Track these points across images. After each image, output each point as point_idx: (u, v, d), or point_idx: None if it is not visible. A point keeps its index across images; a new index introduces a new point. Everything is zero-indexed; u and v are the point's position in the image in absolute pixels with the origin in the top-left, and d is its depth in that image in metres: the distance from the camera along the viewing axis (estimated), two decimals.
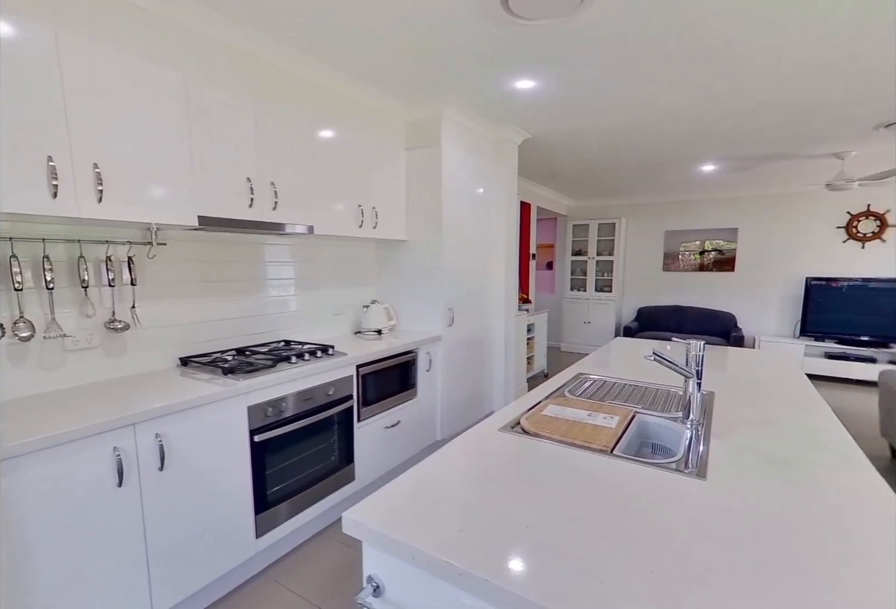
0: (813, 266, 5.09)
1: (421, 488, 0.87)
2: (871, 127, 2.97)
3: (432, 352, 2.70)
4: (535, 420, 1.22)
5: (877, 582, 0.62)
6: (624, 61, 2.08)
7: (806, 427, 1.22)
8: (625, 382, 1.70)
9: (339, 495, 2.08)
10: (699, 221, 5.67)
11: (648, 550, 0.68)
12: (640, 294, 6.17)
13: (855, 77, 2.22)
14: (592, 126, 3.00)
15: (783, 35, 1.83)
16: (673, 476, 0.93)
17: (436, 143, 2.65)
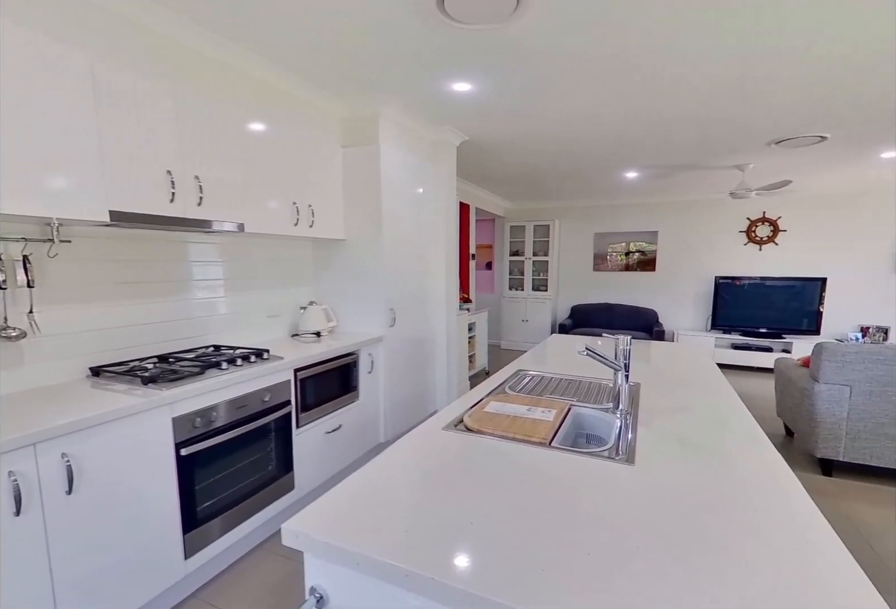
0: (720, 266, 5.65)
1: (365, 492, 0.85)
2: (765, 143, 3.36)
3: (374, 353, 2.67)
4: (478, 417, 1.25)
5: (776, 548, 0.70)
6: (555, 72, 2.18)
7: (717, 411, 1.35)
8: (561, 377, 1.78)
9: (278, 506, 1.99)
10: (624, 224, 6.08)
11: (585, 535, 0.72)
12: (573, 292, 6.50)
13: (748, 98, 2.49)
14: (527, 131, 3.12)
15: (685, 57, 2.01)
16: (605, 463, 0.99)
17: (374, 142, 2.61)
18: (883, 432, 2.44)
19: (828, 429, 2.54)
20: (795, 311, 5.12)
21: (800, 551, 0.68)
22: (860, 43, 1.88)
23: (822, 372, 2.54)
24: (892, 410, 2.42)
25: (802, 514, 0.79)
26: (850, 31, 1.78)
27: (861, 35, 1.81)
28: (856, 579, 0.62)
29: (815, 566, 0.65)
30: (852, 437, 2.50)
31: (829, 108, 2.63)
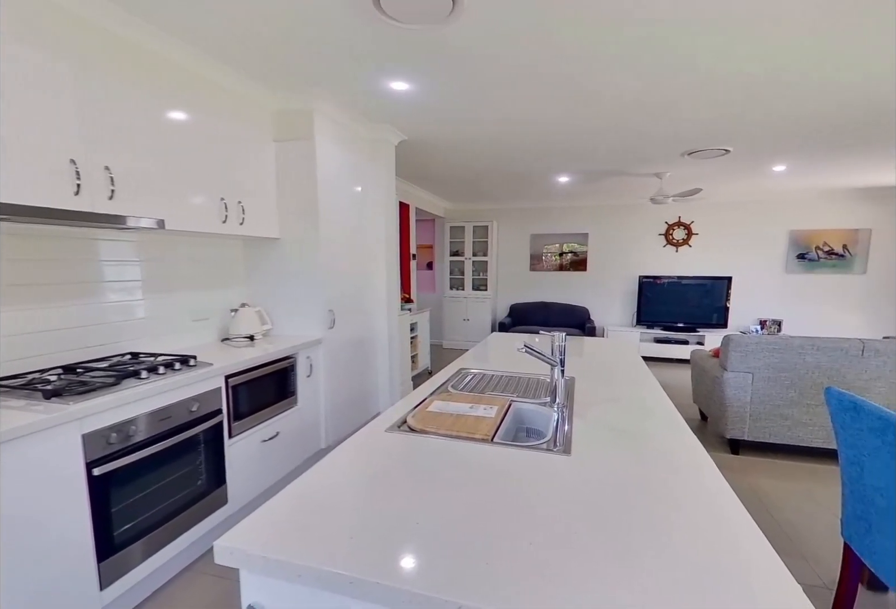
0: (643, 266, 6.10)
1: (306, 501, 0.82)
2: (679, 154, 3.67)
3: (313, 356, 2.58)
4: (421, 417, 1.25)
5: (694, 520, 0.77)
6: (490, 77, 2.23)
7: (643, 401, 1.46)
8: (502, 374, 1.83)
9: (210, 522, 1.86)
10: (558, 226, 6.38)
11: (527, 525, 0.75)
12: (511, 292, 6.70)
13: (662, 112, 2.72)
14: (464, 133, 3.16)
15: (606, 72, 2.15)
16: (544, 455, 1.03)
17: (309, 137, 2.53)
18: (779, 413, 2.77)
19: (735, 412, 2.83)
20: (707, 306, 5.65)
21: (714, 522, 0.76)
22: (754, 67, 2.11)
23: (729, 361, 2.83)
24: (785, 394, 2.74)
25: (715, 489, 0.87)
26: (745, 55, 1.99)
27: (755, 59, 2.04)
28: (758, 543, 0.70)
29: (726, 535, 0.72)
30: (755, 418, 2.81)
31: (730, 124, 2.94)
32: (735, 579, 0.62)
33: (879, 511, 1.32)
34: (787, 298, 5.66)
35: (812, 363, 2.68)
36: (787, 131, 3.08)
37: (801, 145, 3.42)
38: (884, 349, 2.58)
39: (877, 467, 1.29)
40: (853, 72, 2.15)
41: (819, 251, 5.48)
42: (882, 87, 2.32)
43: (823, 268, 5.48)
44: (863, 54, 1.97)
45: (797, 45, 1.89)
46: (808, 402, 2.72)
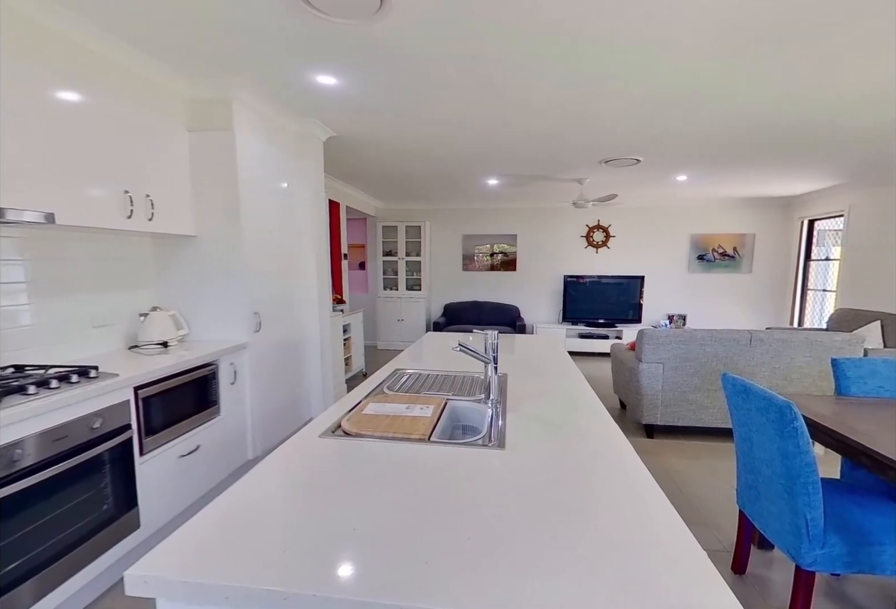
0: (568, 266, 6.47)
1: (232, 516, 0.77)
2: (597, 161, 3.94)
3: (237, 362, 2.42)
4: (357, 420, 1.22)
5: (617, 501, 0.83)
6: (419, 78, 2.24)
7: (570, 393, 1.54)
8: (437, 373, 1.85)
9: (119, 551, 1.67)
10: (489, 227, 6.56)
11: (465, 521, 0.76)
12: (445, 291, 6.78)
13: (582, 122, 2.90)
14: (396, 132, 3.14)
15: (531, 81, 2.26)
16: (480, 451, 1.06)
17: (227, 127, 2.36)
18: (685, 398, 3.07)
19: (649, 399, 3.10)
20: (624, 303, 6.12)
21: (633, 501, 0.82)
22: (660, 86, 2.32)
23: (643, 353, 3.09)
24: (690, 381, 3.05)
25: (634, 471, 0.95)
26: (652, 76, 2.19)
27: (661, 80, 2.24)
28: (670, 516, 0.77)
29: (643, 511, 0.79)
30: (665, 404, 3.10)
31: (641, 136, 3.20)
32: (652, 550, 0.68)
33: (765, 480, 1.51)
34: (690, 295, 6.29)
35: (711, 353, 3.00)
36: (686, 146, 3.42)
37: (699, 158, 3.82)
38: (766, 339, 2.97)
39: (763, 442, 1.47)
40: (739, 96, 2.43)
41: (715, 253, 6.16)
42: (761, 111, 2.66)
43: (718, 268, 6.18)
44: (746, 81, 2.25)
45: (692, 69, 2.11)
46: (709, 388, 3.04)
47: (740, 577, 1.75)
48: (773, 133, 3.11)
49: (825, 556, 1.34)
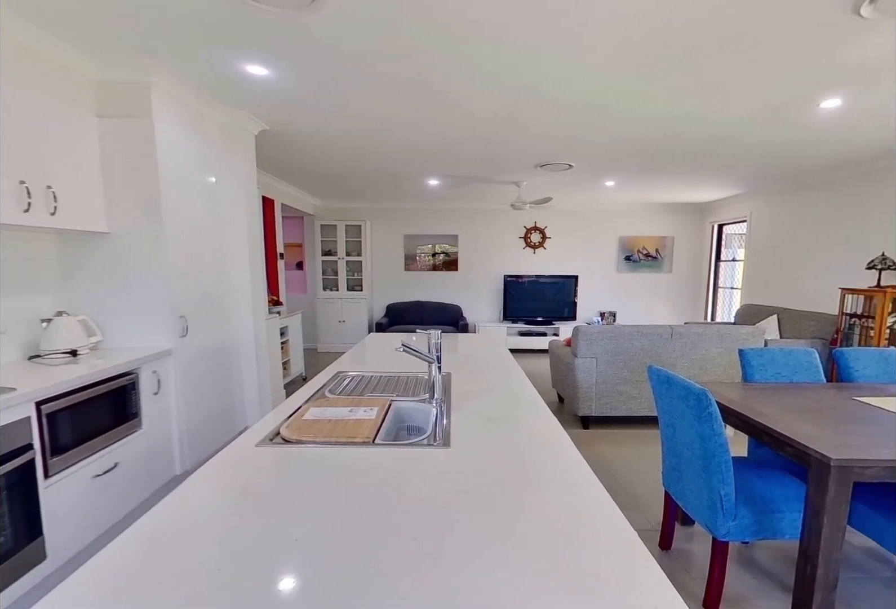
0: (507, 266, 6.66)
1: (158, 537, 0.71)
2: (533, 165, 4.09)
3: (161, 370, 2.23)
4: (297, 426, 1.17)
5: (558, 490, 0.86)
6: (354, 75, 2.19)
7: (511, 389, 1.59)
8: (381, 375, 1.82)
9: (23, 586, 1.48)
10: (430, 228, 6.58)
11: (411, 521, 0.76)
12: (387, 291, 6.71)
13: (518, 127, 3.00)
14: (333, 129, 3.06)
15: (467, 85, 2.30)
16: (425, 451, 1.06)
17: (145, 114, 2.17)
18: (616, 390, 3.28)
19: (584, 392, 3.27)
20: (560, 302, 6.41)
21: (571, 489, 0.86)
22: (587, 97, 2.45)
23: (578, 349, 3.25)
24: (620, 374, 3.26)
25: (572, 461, 1.00)
26: (578, 86, 2.31)
27: (586, 91, 2.37)
28: (604, 501, 0.82)
29: (580, 497, 0.83)
30: (599, 396, 3.28)
31: (572, 143, 3.37)
32: (590, 534, 0.72)
33: (686, 461, 1.65)
34: (619, 293, 6.72)
35: (638, 346, 3.23)
36: (612, 153, 3.65)
37: (624, 166, 4.09)
38: (685, 332, 3.24)
39: (684, 427, 1.61)
40: (651, 111, 2.64)
41: (640, 254, 6.63)
42: (672, 126, 2.90)
43: (643, 268, 6.66)
44: (654, 98, 2.44)
45: (609, 84, 2.25)
46: (637, 380, 3.27)
47: (666, 552, 1.90)
48: (684, 146, 3.40)
49: (736, 526, 1.49)
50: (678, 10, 1.63)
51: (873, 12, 1.60)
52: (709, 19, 1.69)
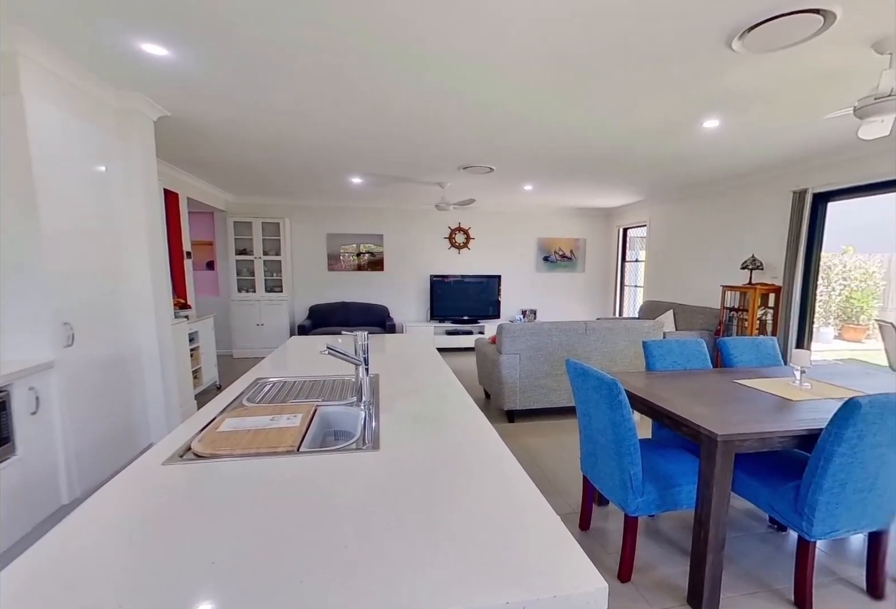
0: (433, 266, 6.72)
1: (42, 577, 0.61)
2: (456, 167, 4.17)
3: (40, 386, 1.94)
4: (211, 439, 1.08)
5: (486, 482, 0.89)
6: (268, 63, 2.07)
7: (440, 388, 1.61)
8: (305, 379, 1.74)
9: None
10: (354, 227, 6.43)
11: (340, 530, 0.73)
12: (310, 292, 6.44)
13: (441, 129, 3.04)
14: (244, 120, 2.87)
15: (389, 85, 2.29)
16: (354, 455, 1.03)
17: (13, 91, 1.87)
18: (538, 384, 3.46)
19: (509, 387, 3.40)
20: (485, 301, 6.61)
21: (499, 481, 0.89)
22: (505, 104, 2.56)
23: (502, 346, 3.37)
24: (541, 368, 3.44)
25: (499, 454, 1.03)
26: (494, 92, 2.40)
27: (505, 98, 2.47)
28: (529, 490, 0.86)
29: (507, 488, 0.86)
30: (523, 390, 3.44)
31: (493, 147, 3.49)
32: (517, 522, 0.75)
33: (601, 447, 1.79)
34: (538, 292, 7.09)
35: (557, 342, 3.43)
36: (529, 159, 3.84)
37: (541, 171, 4.32)
38: (597, 328, 3.51)
39: (598, 415, 1.74)
40: (563, 120, 2.82)
41: (556, 255, 7.05)
42: (582, 135, 3.13)
43: (559, 268, 7.09)
44: (567, 109, 2.62)
45: (526, 93, 2.37)
46: (556, 373, 3.47)
47: (586, 532, 2.04)
48: (592, 154, 3.68)
49: (644, 502, 1.64)
50: (586, 32, 1.76)
51: (742, 47, 1.85)
52: (611, 44, 1.84)
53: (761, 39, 1.78)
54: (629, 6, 1.61)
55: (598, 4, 1.60)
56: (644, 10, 1.63)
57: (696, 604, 1.56)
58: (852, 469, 1.45)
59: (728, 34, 1.78)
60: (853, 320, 7.70)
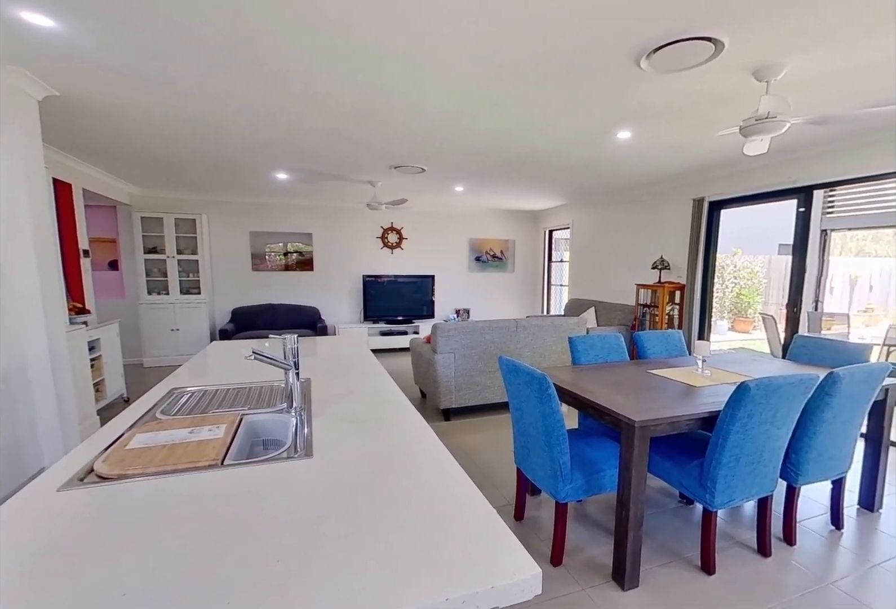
0: (366, 266, 6.60)
1: None
2: (388, 166, 4.13)
3: None
4: (118, 458, 0.98)
5: (425, 481, 0.89)
6: (176, 42, 1.90)
7: (375, 389, 1.58)
8: (228, 387, 1.63)
9: None
10: (281, 225, 6.13)
11: (273, 543, 0.70)
12: (232, 294, 6.03)
13: (372, 128, 2.99)
14: (155, 105, 2.61)
15: (312, 73, 2.20)
16: (285, 464, 0.98)
17: None
18: (473, 381, 3.53)
19: (445, 386, 3.44)
20: (419, 301, 6.61)
21: (437, 479, 0.90)
22: (439, 107, 2.58)
23: (437, 345, 3.40)
24: (476, 366, 3.52)
25: (435, 452, 1.04)
26: (424, 93, 2.41)
27: (431, 97, 2.50)
28: (466, 485, 0.88)
29: (445, 485, 0.87)
30: (458, 389, 3.49)
31: (424, 148, 3.50)
32: (454, 518, 0.76)
33: (532, 439, 1.86)
34: (471, 291, 7.24)
35: (489, 340, 3.53)
36: (459, 160, 3.91)
37: (471, 173, 4.41)
38: (527, 325, 3.66)
39: (529, 409, 1.81)
40: (490, 123, 2.91)
41: (487, 255, 7.24)
42: (509, 140, 3.25)
43: (491, 268, 7.29)
44: (494, 114, 2.70)
45: (456, 94, 2.42)
46: (490, 370, 3.57)
47: (520, 522, 2.12)
48: (519, 159, 3.83)
49: (573, 488, 1.74)
50: (509, 45, 1.82)
51: (649, 66, 2.02)
52: (534, 57, 1.92)
53: (664, 61, 1.96)
54: (550, 24, 1.69)
55: (519, 20, 1.66)
56: (564, 28, 1.73)
57: (619, 579, 1.68)
58: (745, 444, 1.64)
59: (637, 54, 1.94)
60: (742, 314, 8.77)
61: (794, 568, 1.79)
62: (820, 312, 3.55)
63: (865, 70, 2.08)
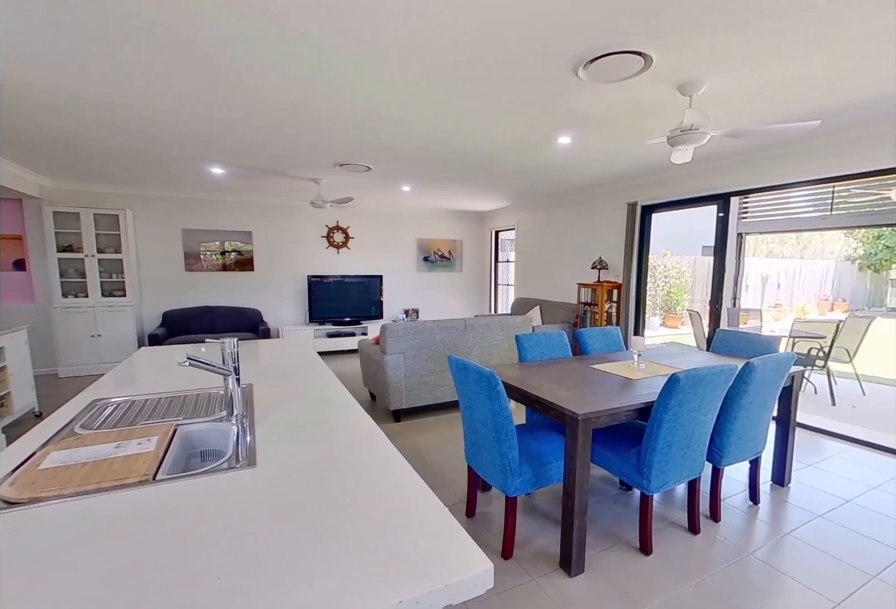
0: (311, 266, 6.39)
1: None
2: (332, 164, 4.02)
3: None
4: (29, 480, 0.88)
5: (375, 482, 0.88)
6: (92, 22, 1.74)
7: (322, 393, 1.53)
8: (160, 396, 1.51)
9: None
10: (217, 222, 5.78)
11: (214, 559, 0.65)
12: (163, 296, 5.61)
13: (313, 124, 2.91)
14: (61, 88, 2.36)
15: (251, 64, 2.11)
16: (226, 475, 0.93)
17: None
18: (423, 381, 3.52)
19: (394, 387, 3.41)
20: (367, 301, 6.50)
21: (388, 481, 0.89)
22: (375, 101, 2.55)
23: (387, 346, 3.36)
24: (426, 365, 3.52)
25: (386, 454, 1.03)
26: (367, 90, 2.38)
27: (375, 95, 2.47)
28: (418, 485, 0.87)
29: (397, 487, 0.86)
30: (408, 389, 3.47)
31: (370, 147, 3.44)
32: (405, 519, 0.75)
33: (482, 436, 1.89)
34: (420, 291, 7.23)
35: (439, 339, 3.54)
36: (405, 160, 3.89)
37: (417, 173, 4.41)
38: (475, 324, 3.71)
39: (479, 406, 1.84)
40: (441, 125, 2.93)
41: (436, 255, 7.27)
42: (453, 140, 3.28)
43: (439, 268, 7.32)
44: (438, 114, 2.72)
45: (400, 94, 2.41)
46: (440, 370, 3.58)
47: (472, 519, 2.15)
48: (464, 160, 3.88)
49: (521, 482, 1.79)
50: (453, 49, 1.84)
51: (586, 76, 2.12)
52: (476, 62, 1.95)
53: (599, 71, 2.07)
54: (491, 31, 1.73)
55: (461, 23, 1.68)
56: (505, 35, 1.77)
57: (566, 566, 1.75)
58: (676, 431, 1.77)
59: (574, 64, 2.03)
60: (672, 310, 9.45)
61: (720, 542, 1.95)
62: (737, 308, 3.90)
63: (778, 89, 2.31)
